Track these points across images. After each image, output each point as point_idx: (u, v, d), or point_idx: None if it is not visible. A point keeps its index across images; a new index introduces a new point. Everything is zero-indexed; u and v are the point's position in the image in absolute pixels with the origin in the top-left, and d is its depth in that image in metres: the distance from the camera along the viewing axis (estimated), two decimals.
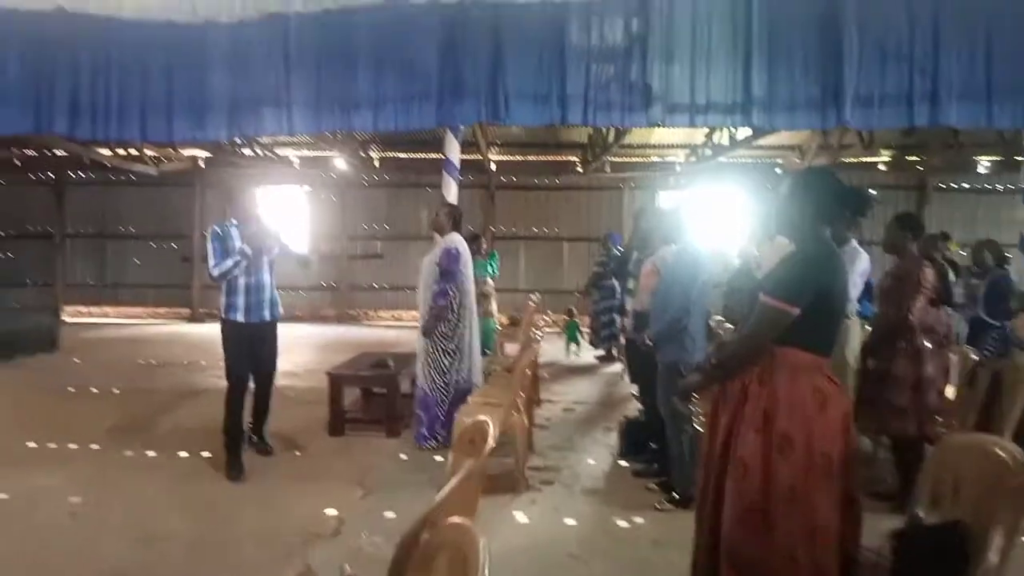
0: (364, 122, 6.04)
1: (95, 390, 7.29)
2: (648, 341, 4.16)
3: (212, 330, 11.95)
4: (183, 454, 5.12)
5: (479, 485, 2.38)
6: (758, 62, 5.67)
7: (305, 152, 13.23)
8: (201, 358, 9.29)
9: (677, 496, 4.18)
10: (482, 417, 2.58)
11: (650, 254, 4.74)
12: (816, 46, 5.65)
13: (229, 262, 4.65)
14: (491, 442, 2.39)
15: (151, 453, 5.15)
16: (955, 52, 5.60)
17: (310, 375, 7.79)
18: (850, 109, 5.64)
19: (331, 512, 4.01)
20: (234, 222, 4.84)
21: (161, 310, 14.31)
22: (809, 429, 2.34)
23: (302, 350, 10.09)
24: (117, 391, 7.28)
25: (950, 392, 4.56)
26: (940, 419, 4.14)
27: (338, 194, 13.79)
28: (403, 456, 5.12)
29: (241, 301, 4.76)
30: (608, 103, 5.79)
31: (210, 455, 5.00)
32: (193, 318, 13.69)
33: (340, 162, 12.68)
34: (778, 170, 13.28)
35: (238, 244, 4.70)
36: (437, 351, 5.26)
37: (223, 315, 4.81)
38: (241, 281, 4.74)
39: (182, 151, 12.96)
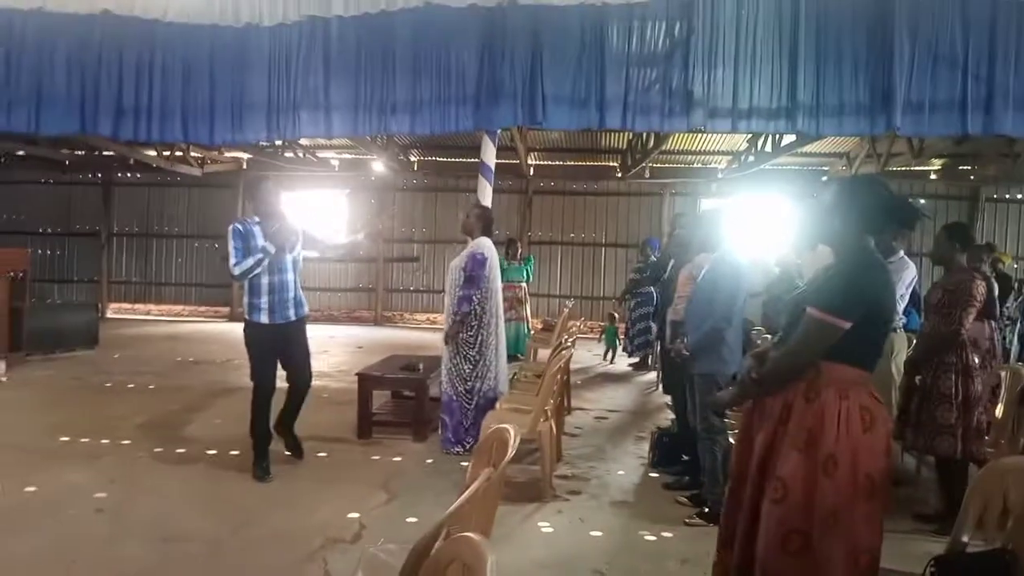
0: (401, 125, 6.06)
1: (131, 386, 7.41)
2: (684, 351, 4.03)
3: None
4: (212, 452, 5.13)
5: (497, 496, 2.30)
6: (805, 66, 5.54)
7: (345, 155, 13.35)
8: (236, 357, 9.34)
9: (708, 510, 4.04)
10: (503, 425, 2.49)
11: (688, 261, 4.61)
12: (865, 50, 5.50)
13: (250, 261, 4.46)
14: (511, 451, 2.31)
15: (180, 450, 5.18)
16: (1013, 59, 5.41)
17: (343, 376, 7.81)
18: (900, 115, 5.48)
19: (353, 516, 3.96)
20: (256, 219, 4.64)
21: (202, 308, 14.58)
22: (856, 449, 2.22)
23: (337, 351, 10.15)
24: (152, 387, 7.39)
25: (998, 411, 4.35)
26: (988, 439, 3.95)
27: (377, 197, 13.87)
28: (429, 461, 5.06)
29: (264, 301, 4.56)
30: (648, 107, 5.71)
31: (238, 453, 5.01)
32: (232, 317, 13.85)
33: (379, 165, 12.75)
34: (824, 178, 12.96)
35: (260, 242, 4.51)
36: (459, 357, 5.20)
37: (246, 316, 4.64)
38: (264, 280, 4.54)
39: (225, 153, 13.17)
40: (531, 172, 13.41)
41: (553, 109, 5.75)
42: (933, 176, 12.70)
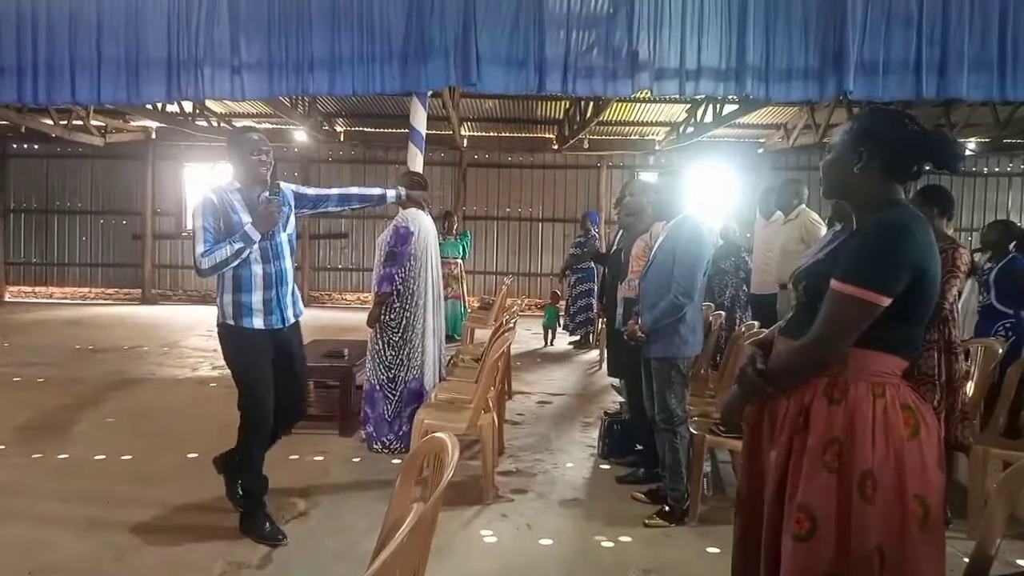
0: (320, 85, 5.47)
1: (17, 379, 6.57)
2: (640, 333, 3.59)
3: (163, 312, 11.30)
4: (100, 457, 4.46)
5: (430, 533, 1.81)
6: (754, 26, 5.25)
7: (265, 124, 12.46)
8: (145, 343, 8.61)
9: (668, 509, 3.66)
10: (439, 433, 2.00)
11: (641, 232, 4.18)
12: (816, 9, 5.23)
13: (225, 249, 3.14)
14: (449, 471, 1.82)
15: (63, 456, 4.48)
16: (967, 21, 5.21)
17: None
18: (853, 78, 5.23)
19: None
20: (236, 185, 3.30)
21: (110, 291, 13.53)
22: (900, 463, 1.73)
23: None
24: (41, 380, 6.56)
25: (968, 390, 4.10)
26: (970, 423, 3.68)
27: (300, 169, 13.05)
28: (356, 459, 4.52)
29: (257, 298, 3.27)
30: (590, 69, 5.30)
31: (130, 458, 4.37)
32: (144, 299, 12.92)
33: (301, 135, 11.95)
34: (760, 150, 12.84)
35: (242, 219, 3.21)
36: (381, 342, 4.64)
37: (226, 320, 3.30)
38: (254, 271, 3.25)
39: (131, 121, 12.13)
40: (465, 144, 12.84)
41: (488, 70, 5.28)
42: None
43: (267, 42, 5.34)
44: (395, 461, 4.40)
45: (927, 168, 1.90)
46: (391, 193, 4.02)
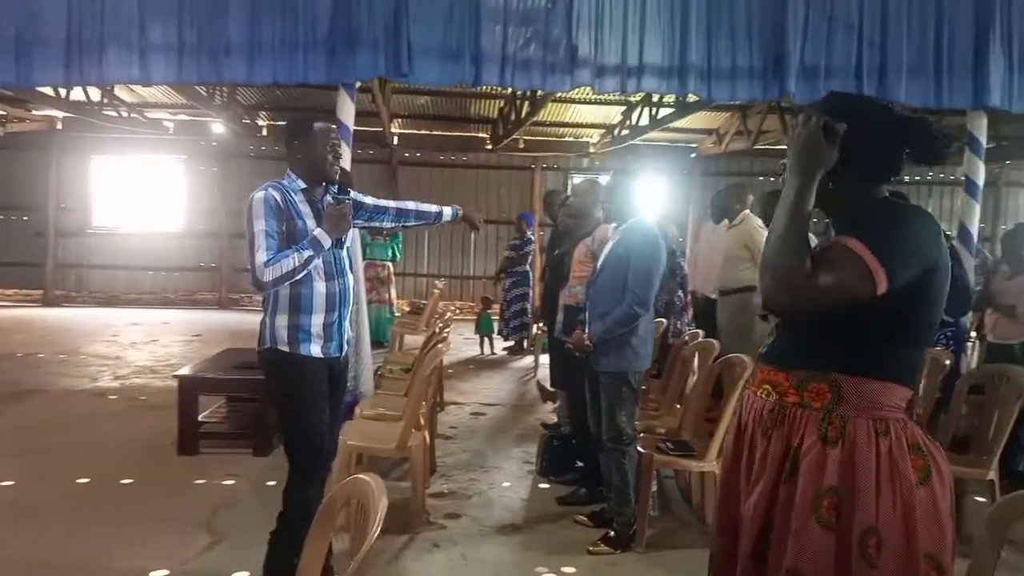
0: (236, 72, 5.02)
1: None
2: (588, 343, 3.32)
3: (66, 316, 10.46)
4: None
5: None
6: (696, 25, 5.11)
7: (181, 115, 11.75)
8: (42, 350, 7.89)
9: (613, 535, 3.39)
10: (363, 477, 1.67)
11: (584, 235, 3.91)
12: (759, 11, 5.13)
13: (293, 259, 2.61)
14: (374, 530, 1.50)
15: None
16: (905, 26, 5.21)
17: (172, 372, 6.60)
18: (794, 80, 5.15)
19: (158, 575, 2.98)
20: (299, 183, 2.78)
21: (9, 292, 12.53)
22: (910, 517, 1.45)
23: (169, 340, 8.81)
24: None
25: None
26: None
27: (219, 165, 12.38)
28: (271, 483, 4.07)
29: (317, 322, 2.72)
30: (528, 63, 5.06)
31: (10, 484, 3.84)
32: (46, 301, 12.00)
33: (219, 128, 11.30)
34: (693, 155, 12.87)
35: (308, 224, 2.71)
36: None
37: (278, 345, 2.71)
38: (319, 288, 2.72)
39: (34, 110, 11.23)
40: (395, 141, 12.41)
41: (421, 61, 4.96)
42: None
43: (177, 22, 4.88)
44: None
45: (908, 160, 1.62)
46: (448, 211, 3.32)
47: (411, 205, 3.25)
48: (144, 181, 12.71)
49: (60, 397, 6.01)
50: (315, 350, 2.73)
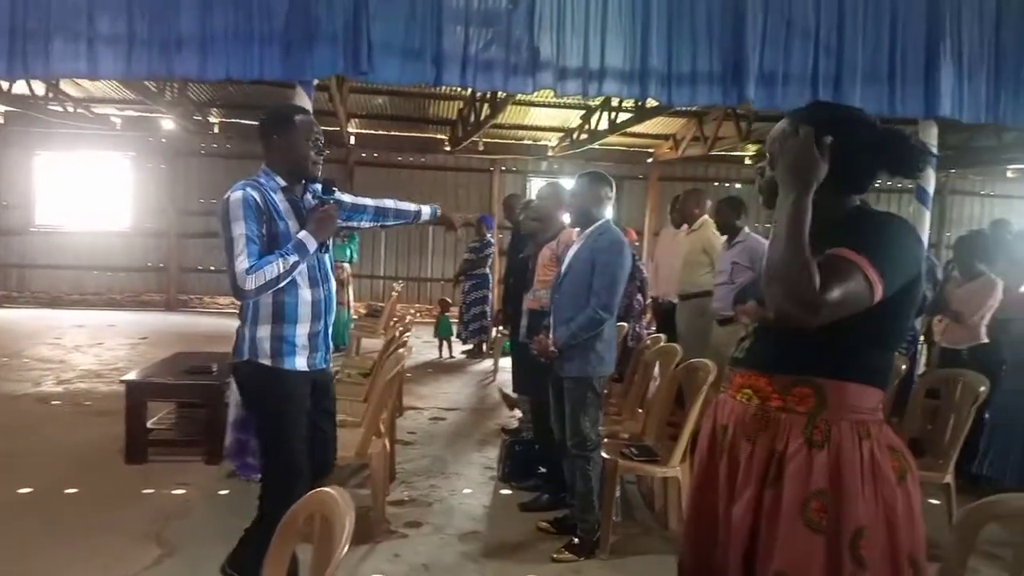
0: (188, 66, 4.84)
1: None
2: (552, 348, 3.27)
3: (7, 317, 10.03)
4: None
5: None
6: (657, 30, 5.12)
7: (129, 111, 11.38)
8: None
9: (577, 542, 3.36)
10: (328, 490, 1.59)
11: (549, 238, 3.87)
12: (719, 17, 5.16)
13: (277, 264, 2.43)
14: (341, 548, 1.43)
15: None
16: (861, 34, 5.30)
17: (119, 376, 6.36)
18: (753, 86, 5.19)
19: None
20: (278, 180, 2.59)
21: None
22: (891, 518, 1.48)
23: (115, 343, 8.52)
24: None
25: None
26: None
27: (168, 162, 12.03)
28: (223, 492, 3.95)
29: (303, 332, 2.57)
30: (490, 64, 5.00)
31: None
32: None
33: (170, 124, 11.00)
34: (649, 160, 12.97)
35: (290, 226, 2.53)
36: None
37: (259, 358, 2.54)
38: (304, 295, 2.56)
39: None
40: (352, 141, 12.24)
41: (381, 59, 4.85)
42: (748, 161, 13.06)
43: (127, 14, 4.69)
44: None
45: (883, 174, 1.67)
46: (427, 209, 3.20)
47: (390, 204, 3.10)
48: (90, 178, 12.27)
49: (0, 402, 5.74)
50: (300, 363, 2.57)
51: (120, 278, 12.24)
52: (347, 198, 2.91)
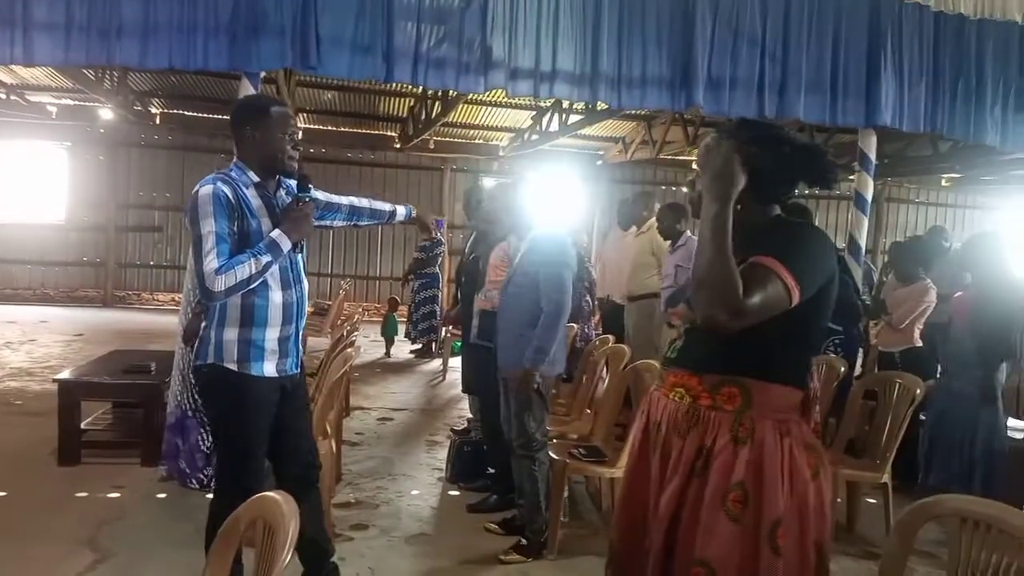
0: (128, 55, 4.68)
1: None
2: (537, 377, 3.26)
3: None
4: None
5: None
6: (608, 34, 5.17)
7: (65, 100, 10.98)
8: None
9: (525, 543, 3.35)
10: (272, 495, 1.55)
11: (499, 240, 3.86)
12: (668, 24, 5.24)
13: (249, 265, 2.30)
14: (285, 555, 1.38)
15: None
16: (805, 45, 5.44)
17: (52, 374, 6.12)
18: (702, 92, 5.27)
19: None
20: (249, 174, 2.45)
21: None
22: (803, 509, 1.60)
23: (48, 340, 8.19)
24: None
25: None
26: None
27: (107, 153, 11.63)
28: (161, 495, 3.82)
29: (272, 336, 2.43)
30: (442, 62, 4.97)
31: None
32: None
33: (108, 114, 10.63)
34: (599, 162, 13.09)
35: (263, 225, 2.40)
36: None
37: (225, 363, 2.40)
38: (275, 298, 2.43)
39: None
40: (300, 136, 11.99)
41: (330, 53, 4.77)
42: (694, 166, 13.29)
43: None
44: (210, 497, 3.77)
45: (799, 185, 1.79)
46: (402, 210, 3.04)
47: (365, 203, 2.96)
48: (24, 169, 11.79)
49: None
50: (268, 368, 2.43)
51: (54, 272, 11.80)
52: (321, 196, 2.76)
